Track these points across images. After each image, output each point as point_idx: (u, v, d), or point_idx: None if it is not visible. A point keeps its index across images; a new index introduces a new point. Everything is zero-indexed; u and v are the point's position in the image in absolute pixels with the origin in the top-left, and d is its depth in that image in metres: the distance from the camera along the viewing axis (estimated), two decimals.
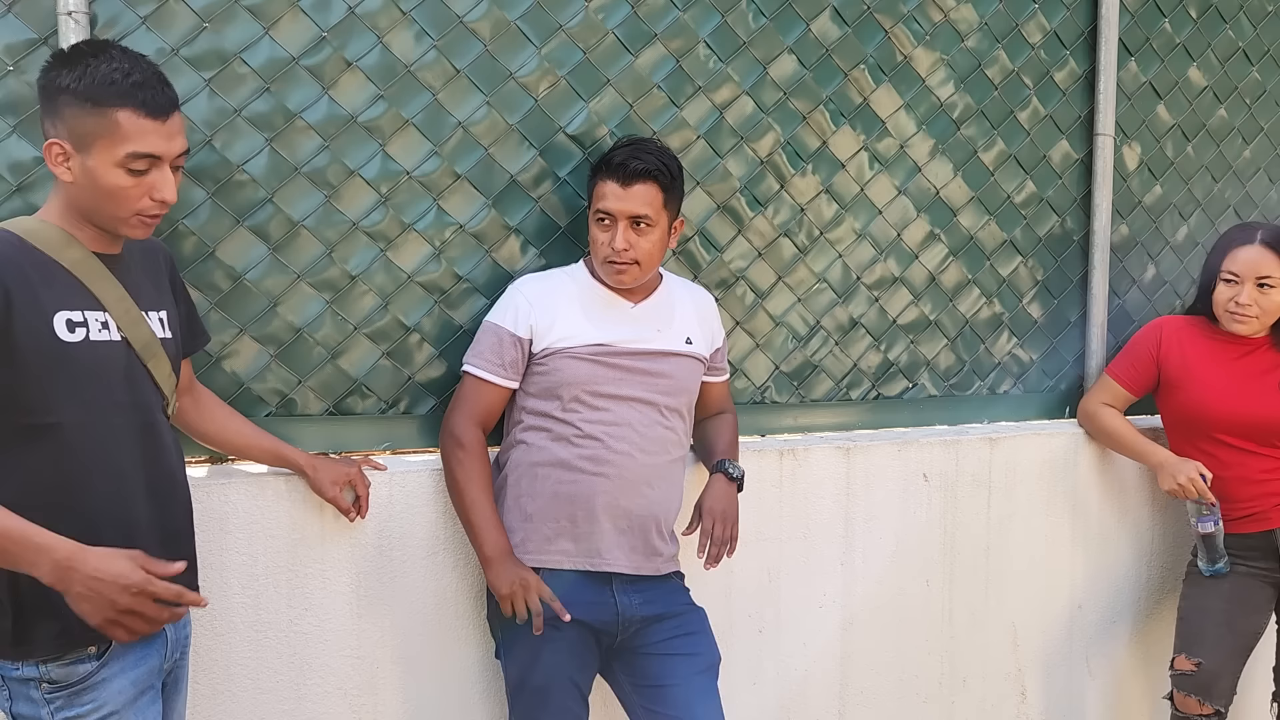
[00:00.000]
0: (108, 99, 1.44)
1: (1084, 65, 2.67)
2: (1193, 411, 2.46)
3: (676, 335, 2.05)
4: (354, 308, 2.04)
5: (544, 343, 1.97)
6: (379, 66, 2.02)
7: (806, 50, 2.37)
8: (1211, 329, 2.49)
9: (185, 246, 1.92)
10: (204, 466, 1.96)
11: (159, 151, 1.48)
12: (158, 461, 1.58)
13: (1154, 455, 2.47)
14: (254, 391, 1.99)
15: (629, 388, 1.98)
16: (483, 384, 1.98)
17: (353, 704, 2.02)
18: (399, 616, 2.04)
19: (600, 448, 1.94)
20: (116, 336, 1.53)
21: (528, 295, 2.00)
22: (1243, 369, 2.45)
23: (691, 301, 2.12)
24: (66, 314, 1.47)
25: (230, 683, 1.93)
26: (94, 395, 1.49)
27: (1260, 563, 2.44)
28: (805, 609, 2.40)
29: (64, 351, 1.46)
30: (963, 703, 2.59)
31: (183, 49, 1.89)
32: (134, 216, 1.50)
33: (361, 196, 2.03)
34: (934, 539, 2.52)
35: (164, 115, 1.48)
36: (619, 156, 1.95)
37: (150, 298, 1.62)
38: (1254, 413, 2.41)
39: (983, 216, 2.60)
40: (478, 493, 1.94)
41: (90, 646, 1.49)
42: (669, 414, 2.02)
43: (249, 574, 1.93)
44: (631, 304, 2.04)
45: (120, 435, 1.53)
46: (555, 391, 1.96)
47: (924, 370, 2.60)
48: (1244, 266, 2.36)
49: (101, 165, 1.46)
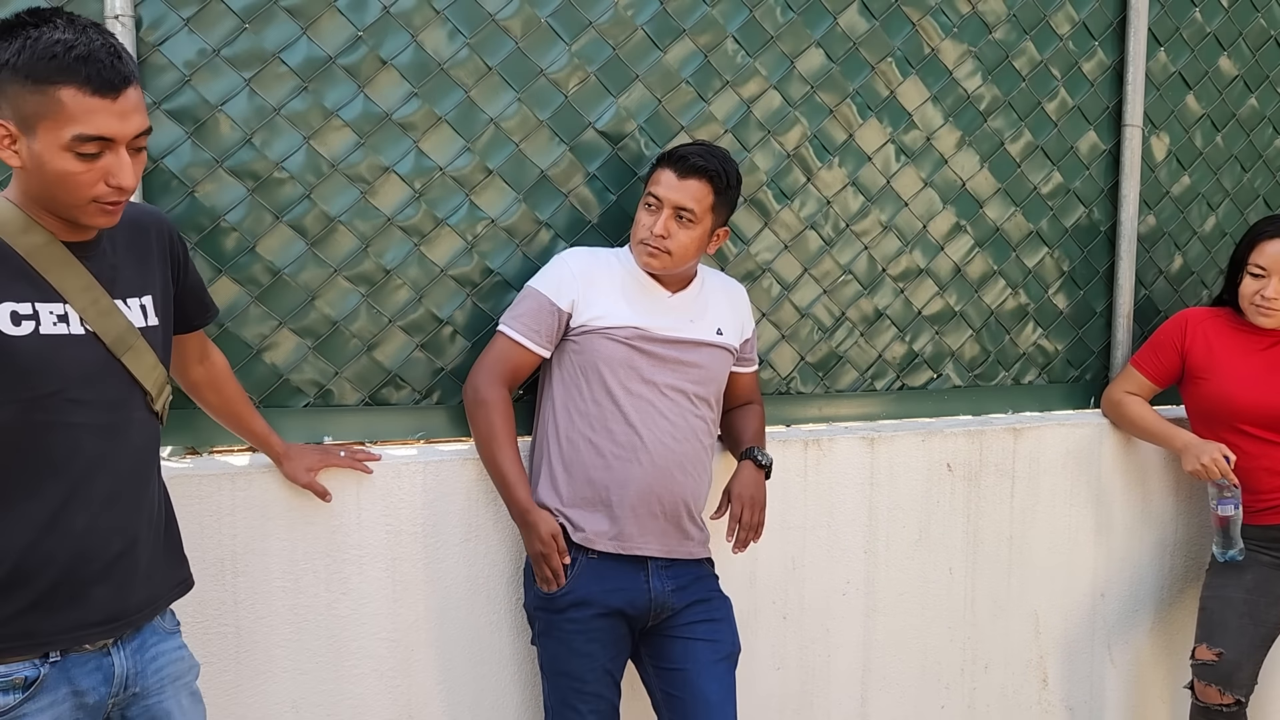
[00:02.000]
0: (49, 75, 1.28)
1: (1113, 56, 2.67)
2: (1217, 403, 2.47)
3: (709, 326, 2.10)
4: (389, 301, 2.09)
5: (582, 318, 2.01)
6: (413, 64, 2.06)
7: (834, 44, 2.39)
8: (1237, 320, 2.50)
9: (226, 242, 1.97)
10: (245, 455, 2.02)
11: (110, 133, 1.31)
12: (119, 464, 1.45)
13: (1178, 439, 2.49)
14: (292, 382, 2.05)
15: (661, 375, 2.02)
16: (516, 346, 2.01)
17: (389, 684, 2.09)
18: (434, 601, 2.10)
19: (632, 434, 1.98)
20: (79, 330, 1.41)
21: (574, 268, 2.04)
22: (1268, 360, 2.46)
23: (724, 293, 2.16)
24: (11, 306, 1.35)
25: (271, 664, 2.01)
26: (40, 392, 1.36)
27: None
28: (829, 596, 2.44)
29: (7, 345, 1.34)
30: (984, 688, 2.63)
31: (224, 49, 1.94)
32: (90, 204, 1.35)
33: (396, 192, 2.07)
34: (957, 528, 2.55)
35: (114, 92, 1.31)
36: (684, 150, 2.00)
37: (130, 283, 1.49)
38: (1277, 403, 2.42)
39: (1009, 208, 2.61)
40: (504, 446, 2.00)
41: (17, 676, 1.38)
42: (699, 402, 2.06)
43: (289, 559, 2.00)
44: (669, 293, 2.08)
45: (77, 435, 1.40)
46: (587, 371, 2.00)
47: (949, 361, 2.62)
48: (1271, 260, 2.37)
49: (47, 149, 1.30)
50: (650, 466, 1.99)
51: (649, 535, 2.00)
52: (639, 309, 2.04)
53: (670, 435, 2.01)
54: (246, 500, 1.96)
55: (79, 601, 1.41)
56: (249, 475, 1.96)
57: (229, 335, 1.99)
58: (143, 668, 1.51)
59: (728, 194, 2.03)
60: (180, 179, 1.94)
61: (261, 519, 1.97)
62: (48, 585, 1.39)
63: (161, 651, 1.54)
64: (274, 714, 2.01)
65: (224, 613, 1.97)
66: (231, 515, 1.95)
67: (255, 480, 1.97)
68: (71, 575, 1.40)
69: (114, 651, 1.47)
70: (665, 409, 2.01)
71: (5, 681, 1.36)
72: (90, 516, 1.41)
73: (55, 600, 1.39)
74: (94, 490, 1.42)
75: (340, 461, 1.99)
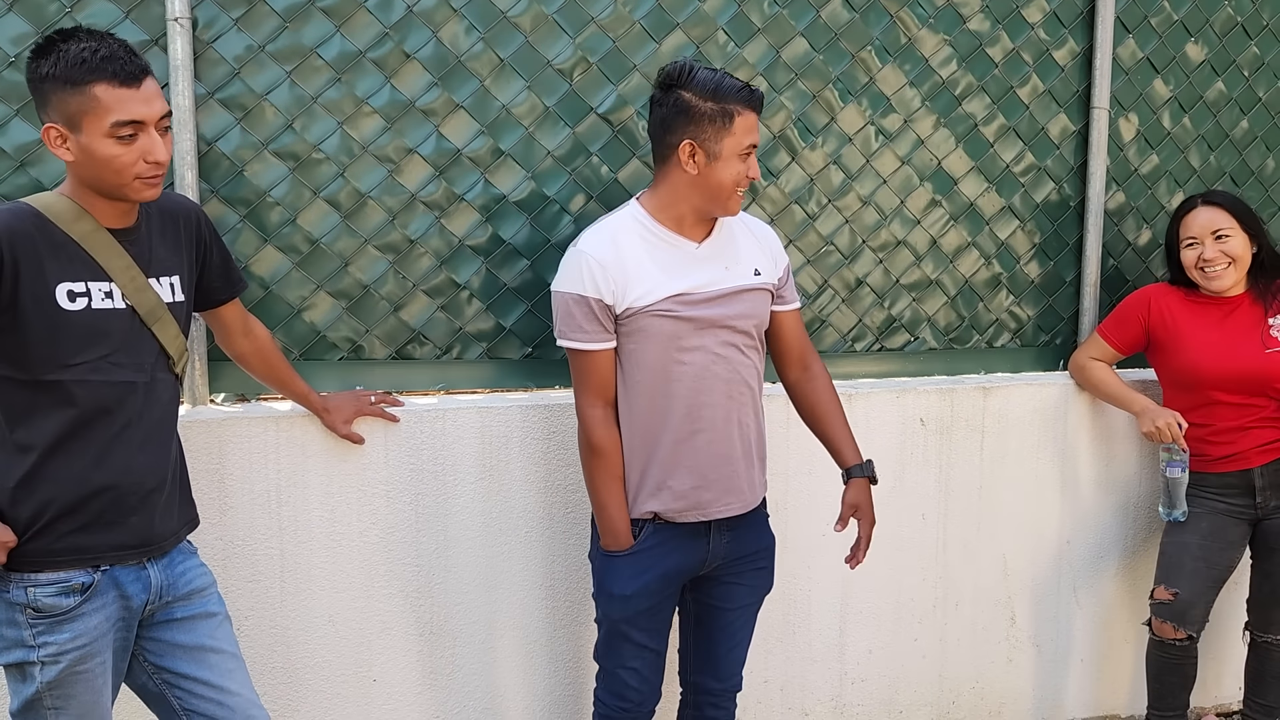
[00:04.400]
0: (83, 76, 1.55)
1: (1082, 42, 2.87)
2: (1187, 373, 2.67)
3: (745, 269, 2.07)
4: (413, 267, 2.37)
5: (624, 304, 1.97)
6: (434, 57, 2.32)
7: (817, 34, 2.62)
8: (1196, 295, 2.71)
9: (271, 215, 2.26)
10: (288, 402, 2.29)
11: (140, 116, 1.58)
12: (151, 414, 1.71)
13: (1136, 402, 2.70)
14: (329, 339, 2.33)
15: (708, 337, 2.00)
16: (592, 354, 1.99)
17: (413, 604, 2.38)
18: (452, 531, 2.39)
19: (693, 405, 2.00)
20: (121, 305, 1.66)
21: (598, 258, 1.96)
22: (1230, 328, 2.65)
23: (750, 232, 2.13)
24: (68, 285, 1.61)
25: (310, 582, 2.30)
26: (92, 356, 1.63)
27: (1238, 499, 2.66)
28: (810, 537, 2.69)
29: (65, 318, 1.60)
30: (955, 623, 2.88)
31: (268, 45, 2.21)
32: (135, 181, 1.61)
33: (419, 171, 2.34)
34: (930, 478, 2.79)
35: (136, 82, 1.58)
36: (743, 83, 1.95)
37: (163, 264, 1.74)
38: (1243, 368, 2.61)
39: (983, 184, 2.83)
40: (608, 494, 2.03)
41: (75, 582, 1.65)
42: (748, 351, 2.06)
43: (325, 492, 2.29)
44: (695, 244, 2.03)
45: (119, 391, 1.66)
46: (637, 358, 1.99)
47: (925, 325, 2.85)
48: (1198, 228, 2.61)
49: (94, 139, 1.57)
50: (712, 433, 2.02)
51: (718, 504, 2.05)
52: (672, 272, 1.99)
53: (726, 395, 2.02)
54: (289, 440, 2.25)
55: (119, 527, 1.71)
56: (291, 419, 2.25)
57: (273, 297, 2.28)
58: (174, 580, 1.79)
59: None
60: (231, 160, 2.22)
61: (302, 456, 2.26)
62: (95, 513, 1.68)
63: (189, 567, 1.83)
64: (313, 626, 2.31)
65: (270, 537, 2.26)
66: (276, 453, 2.24)
67: (296, 423, 2.25)
68: (114, 505, 1.69)
69: (149, 567, 1.76)
70: (719, 372, 2.02)
71: (66, 586, 1.65)
72: (128, 457, 1.69)
73: (100, 525, 1.69)
74: (132, 436, 1.69)
75: (372, 410, 2.27)
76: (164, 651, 1.79)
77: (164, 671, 1.80)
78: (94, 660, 1.67)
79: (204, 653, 1.81)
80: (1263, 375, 2.60)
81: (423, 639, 2.40)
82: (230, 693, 1.82)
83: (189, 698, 1.80)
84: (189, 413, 2.21)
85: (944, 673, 2.89)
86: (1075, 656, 3.03)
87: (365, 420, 2.28)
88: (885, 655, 2.82)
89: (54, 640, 1.63)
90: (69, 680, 1.65)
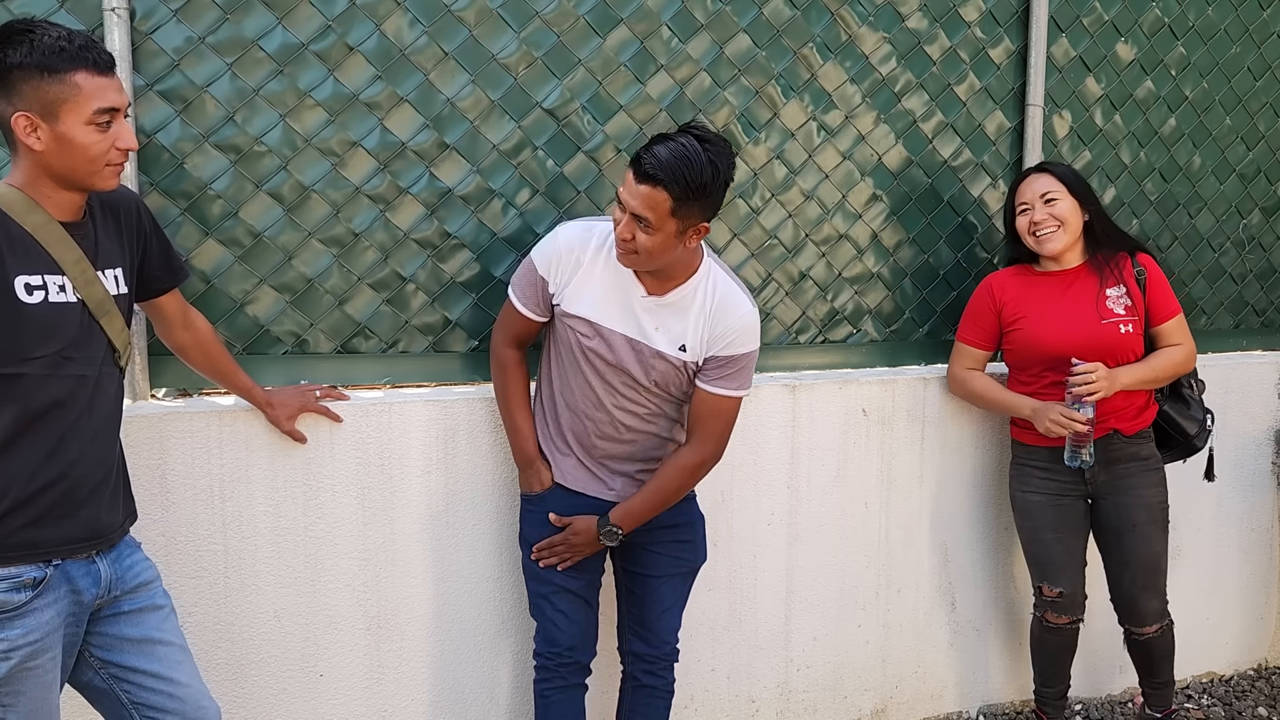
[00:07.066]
0: (62, 65, 1.55)
1: (1017, 41, 2.94)
2: (1029, 348, 2.66)
3: (672, 339, 2.13)
4: (358, 261, 2.36)
5: (559, 297, 2.16)
6: (377, 50, 2.32)
7: (759, 31, 2.65)
8: (1034, 272, 2.74)
9: (212, 209, 2.24)
10: (231, 396, 2.28)
11: (117, 104, 1.62)
12: (99, 408, 1.72)
13: (1025, 406, 2.65)
14: (272, 333, 2.32)
15: (614, 374, 2.15)
16: (514, 309, 2.21)
17: (360, 598, 2.37)
18: (399, 524, 2.39)
19: (584, 406, 2.19)
20: (73, 298, 1.66)
21: (563, 244, 2.13)
22: (1069, 299, 2.65)
23: (711, 308, 2.12)
24: (25, 278, 1.60)
25: (255, 578, 2.29)
26: (50, 350, 1.63)
27: (1068, 476, 2.67)
28: (755, 527, 2.73)
29: (25, 311, 1.60)
30: (897, 610, 2.94)
31: (208, 37, 2.19)
32: (106, 168, 1.64)
33: (364, 165, 2.34)
34: (872, 467, 2.85)
35: (111, 71, 1.62)
36: (644, 151, 1.93)
37: (108, 255, 1.75)
38: (1080, 338, 2.60)
39: (922, 179, 2.89)
40: (515, 406, 2.26)
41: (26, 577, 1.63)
42: (651, 398, 2.19)
43: (270, 487, 2.27)
44: (644, 293, 2.10)
45: (71, 385, 1.66)
46: (560, 347, 2.20)
47: (867, 318, 2.91)
48: (1029, 194, 2.67)
49: (73, 127, 1.58)
50: (601, 442, 2.21)
51: (611, 494, 2.25)
52: (608, 301, 2.11)
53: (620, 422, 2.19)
54: (232, 435, 2.23)
55: (69, 521, 1.69)
56: (234, 413, 2.24)
57: (216, 291, 2.26)
58: (122, 573, 1.79)
59: (693, 199, 1.92)
60: (171, 152, 2.20)
61: (245, 451, 2.25)
62: (46, 507, 1.66)
63: (135, 561, 1.83)
64: (258, 621, 2.30)
65: (213, 533, 2.25)
66: (219, 448, 2.23)
67: (240, 418, 2.24)
68: (65, 499, 1.69)
69: (99, 560, 1.75)
70: (609, 401, 2.17)
71: (18, 581, 1.63)
72: (79, 451, 1.69)
73: (51, 519, 1.67)
74: (82, 430, 1.69)
75: (316, 408, 2.26)
76: (111, 645, 1.78)
77: (111, 666, 1.78)
78: (45, 656, 1.65)
79: (152, 645, 1.80)
80: (1099, 345, 2.58)
81: (370, 633, 2.39)
82: (180, 684, 1.81)
83: (138, 691, 1.79)
84: (130, 407, 2.18)
85: (887, 658, 2.95)
86: (1015, 641, 3.10)
87: (310, 415, 2.27)
88: (830, 642, 2.87)
89: (5, 636, 1.61)
90: (19, 677, 1.63)
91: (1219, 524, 3.32)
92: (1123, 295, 2.65)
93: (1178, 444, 2.78)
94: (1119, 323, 2.62)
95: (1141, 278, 2.67)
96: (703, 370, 2.16)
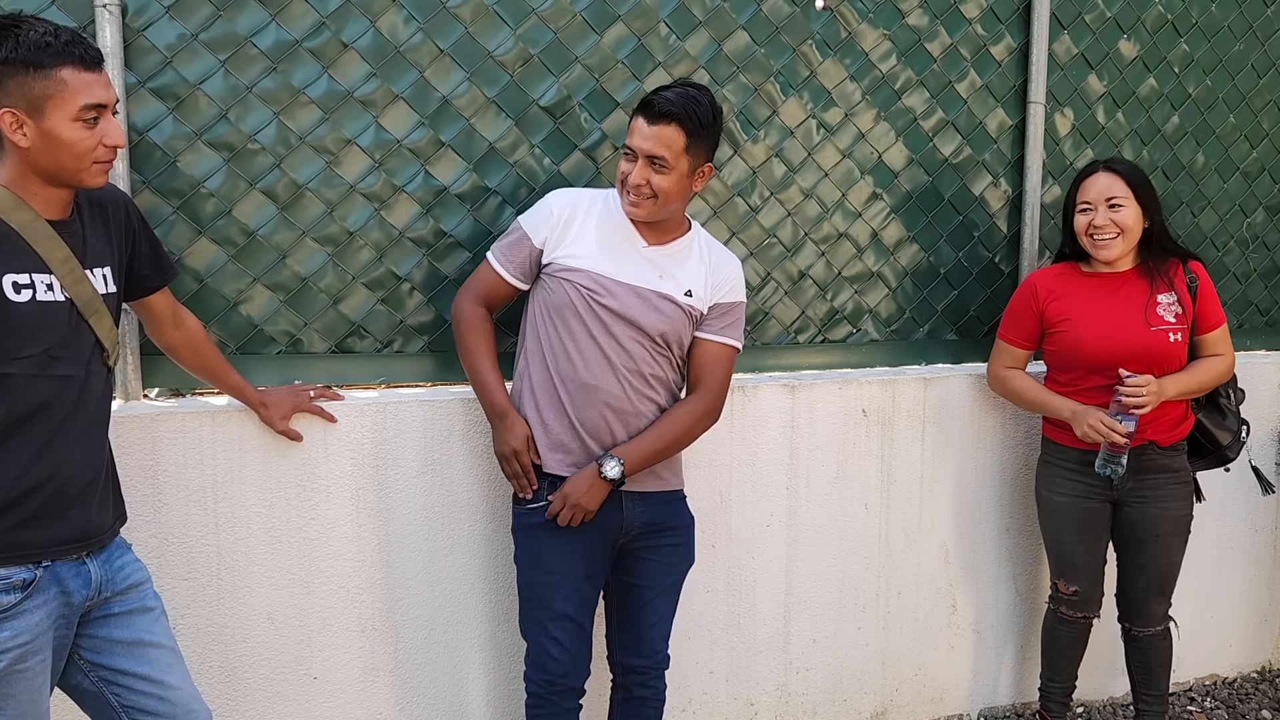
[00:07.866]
0: (48, 60, 1.53)
1: (1019, 39, 2.92)
2: (1071, 350, 2.61)
3: (678, 285, 2.17)
4: (353, 260, 2.34)
5: (551, 255, 2.14)
6: (372, 47, 2.30)
7: (758, 28, 2.63)
8: (1081, 271, 2.68)
9: (205, 207, 2.22)
10: (224, 396, 2.26)
11: (105, 100, 1.60)
12: (87, 408, 1.70)
13: (1065, 407, 2.61)
14: (266, 333, 2.30)
15: (619, 326, 2.11)
16: (492, 272, 2.19)
17: (353, 600, 2.35)
18: (392, 526, 2.37)
19: (588, 379, 2.11)
20: (61, 297, 1.64)
21: (555, 206, 2.16)
22: (1116, 303, 2.60)
23: (711, 259, 2.22)
24: (13, 276, 1.58)
25: (249, 580, 2.27)
26: (37, 349, 1.61)
27: (1096, 479, 2.63)
28: (754, 528, 2.71)
29: (13, 310, 1.58)
30: (897, 612, 2.92)
31: (201, 34, 2.17)
32: (93, 165, 1.62)
33: (358, 163, 2.32)
34: (872, 468, 2.82)
35: (98, 67, 1.59)
36: (653, 96, 2.06)
37: (96, 254, 1.73)
38: (1126, 344, 2.55)
39: (922, 178, 2.87)
40: (480, 357, 2.18)
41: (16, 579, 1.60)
42: (658, 355, 2.16)
43: (264, 488, 2.25)
44: (645, 244, 2.17)
45: (58, 385, 1.64)
46: (552, 314, 2.13)
47: (867, 317, 2.88)
48: (1093, 194, 2.58)
49: (59, 123, 1.56)
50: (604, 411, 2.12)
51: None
52: (609, 254, 2.13)
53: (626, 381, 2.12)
54: (225, 435, 2.21)
55: (59, 521, 1.68)
56: (227, 413, 2.22)
57: (209, 290, 2.24)
58: (112, 575, 1.77)
59: (702, 134, 2.07)
60: (164, 150, 2.18)
61: (239, 452, 2.23)
62: (35, 507, 1.64)
63: (126, 562, 1.81)
64: (251, 623, 2.28)
65: (206, 534, 2.22)
66: (211, 448, 2.21)
67: (233, 418, 2.22)
68: (54, 499, 1.66)
69: (89, 562, 1.73)
70: (618, 359, 2.11)
71: (7, 583, 1.61)
72: (66, 451, 1.67)
73: (40, 520, 1.65)
74: (69, 430, 1.67)
75: (310, 408, 2.24)
76: (101, 648, 1.76)
77: (101, 669, 1.76)
78: (34, 659, 1.63)
79: (143, 647, 1.78)
80: (1146, 352, 2.54)
81: (364, 635, 2.37)
82: (171, 687, 1.79)
83: (128, 694, 1.77)
84: (122, 408, 2.16)
85: (887, 661, 2.93)
86: (1015, 643, 3.08)
87: (304, 415, 2.25)
88: (829, 644, 2.85)
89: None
90: (8, 679, 1.60)
91: (1223, 525, 3.30)
92: (1174, 303, 2.60)
93: (1209, 453, 2.74)
94: (1168, 331, 2.56)
95: (1193, 285, 2.62)
96: (706, 320, 2.23)
